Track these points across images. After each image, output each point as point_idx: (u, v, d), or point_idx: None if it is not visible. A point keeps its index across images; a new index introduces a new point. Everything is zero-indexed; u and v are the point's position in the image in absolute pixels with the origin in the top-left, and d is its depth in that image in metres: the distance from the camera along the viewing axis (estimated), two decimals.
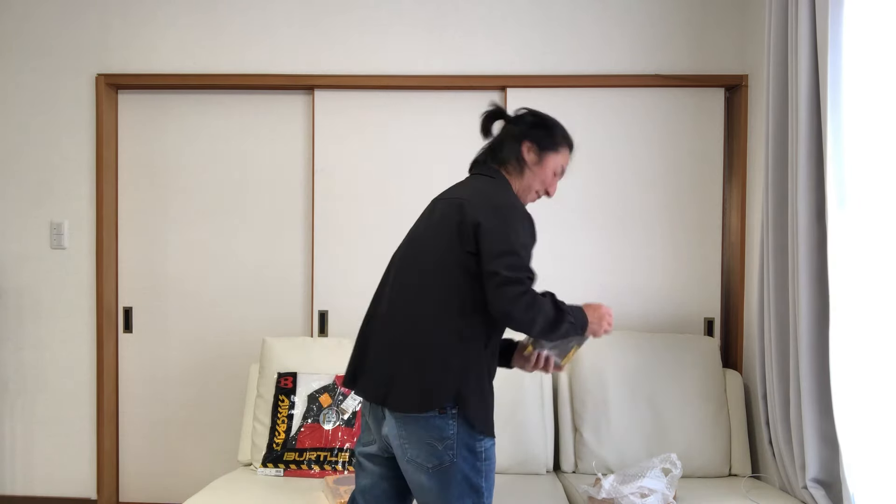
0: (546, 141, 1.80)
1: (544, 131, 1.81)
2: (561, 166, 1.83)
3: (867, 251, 1.97)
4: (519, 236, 1.60)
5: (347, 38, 2.93)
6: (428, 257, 1.65)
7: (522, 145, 1.78)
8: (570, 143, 1.87)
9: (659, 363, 2.60)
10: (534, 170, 1.78)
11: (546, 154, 1.79)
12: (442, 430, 1.56)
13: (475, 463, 1.59)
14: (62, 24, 2.99)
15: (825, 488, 2.12)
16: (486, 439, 1.61)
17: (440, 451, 1.56)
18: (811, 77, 2.09)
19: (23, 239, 3.02)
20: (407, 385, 1.59)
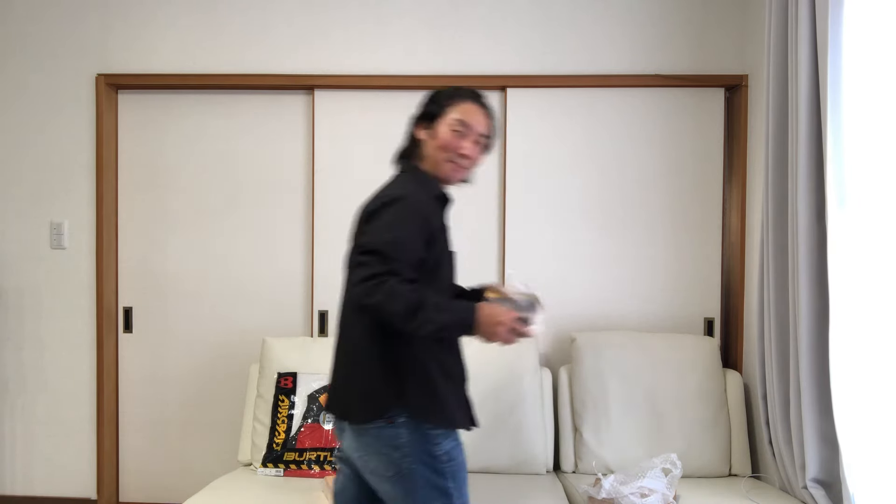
0: (431, 112, 1.73)
1: (427, 105, 1.75)
2: (457, 121, 1.70)
3: (867, 251, 1.97)
4: (393, 229, 1.54)
5: (347, 38, 2.93)
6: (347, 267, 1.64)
7: (416, 130, 1.76)
8: (461, 97, 1.74)
9: (659, 363, 2.60)
10: (431, 143, 1.71)
11: (435, 123, 1.72)
12: (394, 438, 1.55)
13: (436, 466, 1.57)
14: (63, 25, 2.99)
15: (825, 488, 2.12)
16: (446, 441, 1.58)
17: (397, 459, 1.55)
18: (811, 77, 2.09)
19: (23, 239, 3.02)
20: (348, 396, 1.61)
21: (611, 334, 2.71)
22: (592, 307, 2.88)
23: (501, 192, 2.91)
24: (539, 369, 2.67)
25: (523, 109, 2.88)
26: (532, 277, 2.87)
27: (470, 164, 1.74)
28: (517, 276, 1.84)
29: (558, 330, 2.88)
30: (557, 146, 2.89)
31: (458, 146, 1.70)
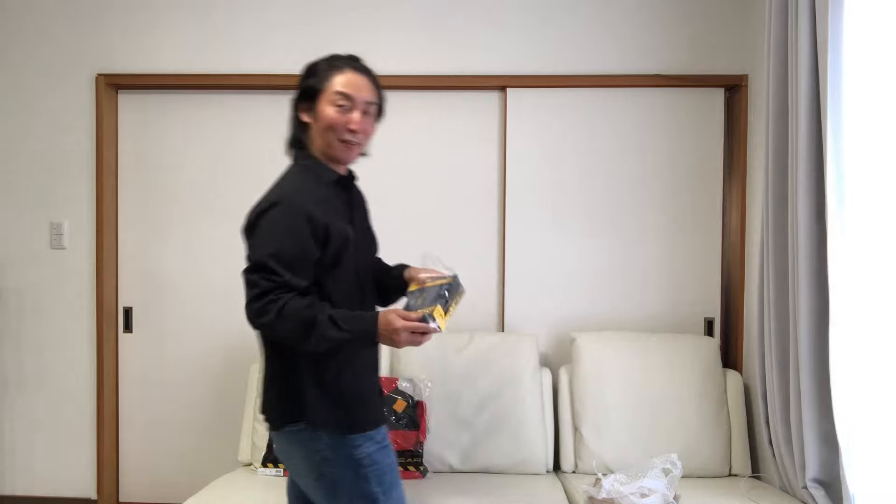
0: (310, 89, 1.62)
1: (304, 83, 1.64)
2: (339, 95, 1.59)
3: (867, 251, 1.97)
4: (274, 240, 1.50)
5: (347, 38, 2.93)
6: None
7: (299, 112, 1.66)
8: (338, 67, 1.62)
9: (659, 363, 2.60)
10: (317, 126, 1.62)
11: (317, 100, 1.61)
12: (313, 442, 1.53)
13: (358, 470, 1.53)
14: (62, 24, 2.99)
15: (825, 488, 2.12)
16: (367, 443, 1.54)
17: (318, 462, 1.53)
18: (811, 77, 2.09)
19: (23, 239, 3.02)
20: (268, 403, 1.61)
21: (611, 334, 2.71)
22: (592, 307, 2.88)
23: (501, 192, 2.91)
24: (539, 369, 2.67)
25: (523, 109, 2.88)
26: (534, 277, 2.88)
27: (363, 138, 1.65)
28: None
29: (558, 330, 2.88)
30: (557, 146, 2.89)
31: (346, 122, 1.60)
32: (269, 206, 1.52)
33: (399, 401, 2.53)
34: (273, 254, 1.48)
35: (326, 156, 1.65)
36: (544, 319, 2.88)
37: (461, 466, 2.53)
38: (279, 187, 1.59)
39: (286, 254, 1.49)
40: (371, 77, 1.66)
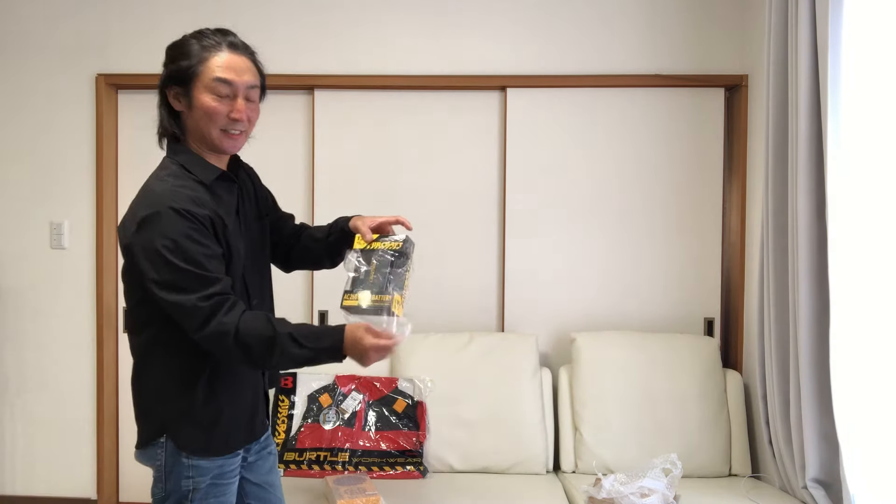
0: (181, 72, 1.43)
1: (172, 66, 1.45)
2: (216, 80, 1.41)
3: (867, 251, 1.97)
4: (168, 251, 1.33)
5: (347, 38, 2.93)
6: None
7: (168, 96, 1.47)
8: (212, 48, 1.43)
9: (659, 363, 2.60)
10: (193, 115, 1.45)
11: (191, 86, 1.43)
12: (152, 458, 1.47)
13: (181, 502, 1.46)
14: (62, 24, 2.99)
15: (825, 488, 2.12)
16: (197, 476, 1.44)
17: (155, 479, 1.50)
18: (811, 77, 2.09)
19: (23, 239, 3.02)
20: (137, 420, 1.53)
21: (611, 334, 2.71)
22: (592, 307, 2.88)
23: (501, 192, 2.91)
24: (539, 369, 2.67)
25: (523, 109, 2.88)
26: (534, 277, 2.88)
27: (248, 126, 1.49)
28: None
29: (558, 330, 2.88)
30: (557, 146, 2.89)
31: (228, 111, 1.43)
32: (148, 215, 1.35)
33: (399, 401, 2.53)
34: (187, 271, 1.33)
35: (201, 143, 1.47)
36: (544, 319, 2.88)
37: (461, 466, 2.52)
38: (153, 194, 1.39)
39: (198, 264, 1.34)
40: (251, 55, 1.48)
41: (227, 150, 1.50)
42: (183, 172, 1.44)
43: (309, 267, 1.74)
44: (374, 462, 2.45)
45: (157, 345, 1.45)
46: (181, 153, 1.48)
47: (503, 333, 2.80)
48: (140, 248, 1.36)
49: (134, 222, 1.37)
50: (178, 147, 1.49)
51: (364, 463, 2.45)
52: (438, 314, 2.90)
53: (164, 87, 1.46)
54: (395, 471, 2.44)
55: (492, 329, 2.91)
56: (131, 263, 1.40)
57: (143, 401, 1.50)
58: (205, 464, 1.46)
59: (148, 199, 1.39)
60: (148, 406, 1.49)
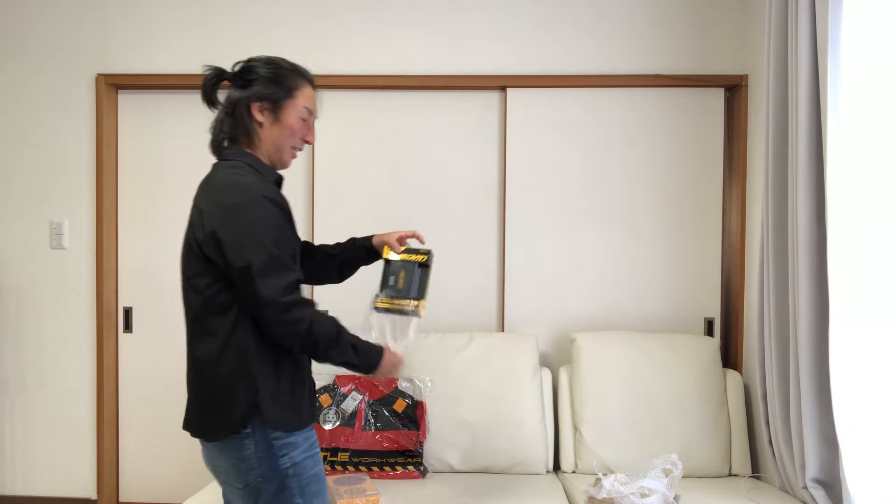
0: (277, 92, 1.59)
1: (271, 82, 1.59)
2: (305, 109, 1.63)
3: (867, 251, 1.97)
4: (261, 236, 1.46)
5: (347, 37, 2.93)
6: (186, 271, 1.57)
7: (252, 109, 1.59)
8: (306, 78, 1.65)
9: (659, 363, 2.60)
10: (275, 128, 1.60)
11: (282, 105, 1.60)
12: (239, 450, 1.51)
13: (283, 480, 1.52)
14: (62, 25, 2.99)
15: (825, 488, 2.12)
16: (295, 452, 1.53)
17: (244, 470, 1.52)
18: (811, 77, 2.09)
19: (23, 239, 3.02)
20: (196, 411, 1.58)
21: (611, 334, 2.71)
22: (592, 307, 2.88)
23: (501, 192, 2.91)
24: (539, 369, 2.67)
25: (523, 109, 2.88)
26: (534, 277, 2.88)
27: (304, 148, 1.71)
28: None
29: (558, 330, 2.88)
30: (557, 146, 2.89)
31: (311, 137, 1.67)
32: (242, 201, 1.48)
33: (399, 401, 2.53)
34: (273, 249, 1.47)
35: (269, 158, 1.63)
36: (544, 319, 2.89)
37: (461, 466, 2.53)
38: (242, 185, 1.51)
39: (278, 243, 1.49)
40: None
41: (286, 165, 1.67)
42: (255, 171, 1.58)
43: (315, 282, 1.88)
44: (374, 462, 2.45)
45: (241, 328, 1.51)
46: (247, 156, 1.60)
47: (503, 333, 2.80)
48: (231, 232, 1.46)
49: (222, 209, 1.48)
50: (241, 151, 1.61)
51: (364, 463, 2.45)
52: (438, 314, 2.90)
53: (250, 99, 1.59)
54: (395, 471, 2.44)
55: (492, 329, 2.91)
56: (217, 249, 1.47)
57: (221, 388, 1.52)
58: (294, 439, 1.54)
59: (237, 189, 1.50)
60: (229, 393, 1.51)
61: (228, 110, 1.61)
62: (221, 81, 1.64)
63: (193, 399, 1.60)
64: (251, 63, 1.62)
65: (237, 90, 1.61)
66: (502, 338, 2.72)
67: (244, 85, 1.60)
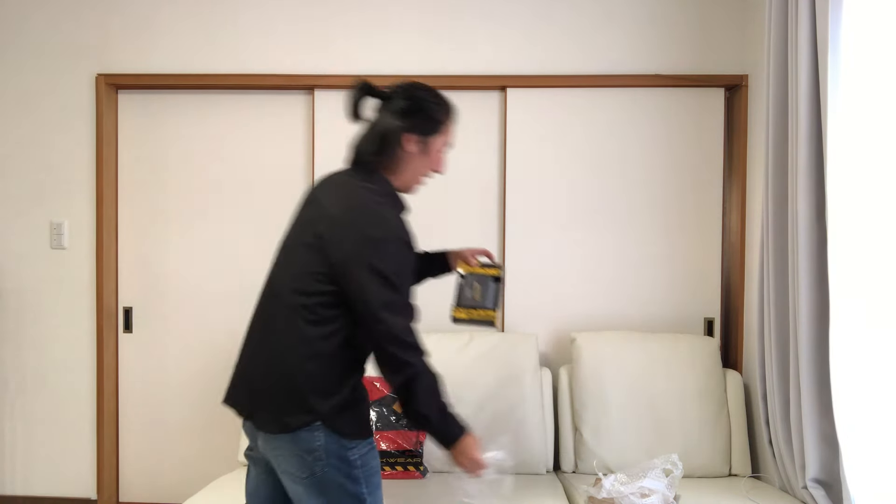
0: (429, 126, 1.65)
1: (425, 116, 1.64)
2: (447, 145, 1.71)
3: (867, 251, 1.97)
4: (398, 277, 1.52)
5: (347, 38, 2.93)
6: (293, 267, 1.59)
7: (403, 139, 1.63)
8: (452, 113, 1.71)
9: (659, 363, 2.60)
10: (419, 159, 1.66)
11: (430, 139, 1.66)
12: (308, 442, 1.53)
13: (350, 471, 1.55)
14: (62, 24, 2.99)
15: (825, 488, 2.12)
16: (360, 445, 1.57)
17: (310, 462, 1.53)
18: (811, 77, 2.09)
19: (23, 239, 3.02)
20: (269, 405, 1.57)
21: (611, 334, 2.71)
22: (592, 307, 2.88)
23: (501, 192, 2.91)
24: (539, 369, 2.67)
25: (523, 109, 2.88)
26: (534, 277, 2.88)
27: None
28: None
29: (558, 330, 2.88)
30: (557, 146, 2.89)
31: (442, 168, 1.72)
32: (382, 232, 1.52)
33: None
34: (404, 290, 1.55)
35: (403, 183, 1.68)
36: (544, 319, 2.89)
37: None
38: (385, 220, 1.55)
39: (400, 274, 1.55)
40: None
41: (413, 192, 1.72)
42: (392, 201, 1.63)
43: None
44: None
45: (338, 338, 1.55)
46: (386, 183, 1.64)
47: (503, 333, 2.80)
48: (367, 265, 1.49)
49: (363, 237, 1.51)
50: (381, 176, 1.64)
51: None
52: (439, 314, 2.89)
53: (404, 129, 1.62)
54: (395, 471, 2.44)
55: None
56: (346, 275, 1.51)
57: (301, 386, 1.54)
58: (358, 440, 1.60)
59: (382, 223, 1.54)
60: (307, 393, 1.54)
61: (379, 132, 1.63)
62: (368, 97, 1.66)
63: (266, 390, 1.58)
64: (410, 92, 1.66)
65: (391, 115, 1.63)
66: (502, 338, 2.72)
67: (400, 112, 1.63)
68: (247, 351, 1.67)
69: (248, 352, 1.67)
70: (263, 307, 1.66)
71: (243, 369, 1.67)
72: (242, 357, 1.69)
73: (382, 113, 1.65)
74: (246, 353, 1.68)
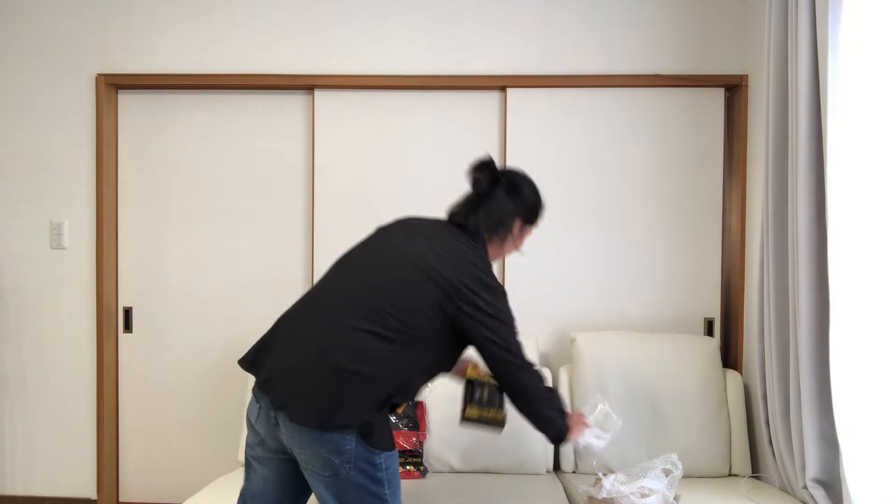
0: (532, 217, 1.88)
1: (534, 208, 1.88)
2: (530, 233, 1.94)
3: (867, 251, 1.97)
4: (513, 322, 1.71)
5: (347, 37, 2.93)
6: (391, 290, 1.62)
7: (514, 223, 1.83)
8: (543, 211, 1.94)
9: (659, 363, 2.60)
10: (513, 241, 1.87)
11: (528, 227, 1.90)
12: (340, 445, 1.55)
13: (375, 474, 1.59)
14: (62, 24, 2.99)
15: (825, 488, 2.12)
16: (385, 453, 1.61)
17: (337, 463, 1.55)
18: (811, 77, 2.09)
19: (23, 239, 3.02)
20: (312, 403, 1.56)
21: (611, 334, 2.71)
22: (592, 307, 2.88)
23: None
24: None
25: (523, 109, 2.88)
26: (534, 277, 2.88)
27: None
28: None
29: (558, 330, 2.88)
30: (557, 146, 2.89)
31: (522, 249, 1.94)
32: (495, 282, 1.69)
33: None
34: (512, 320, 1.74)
35: (491, 254, 1.84)
36: (544, 319, 2.89)
37: (461, 466, 2.53)
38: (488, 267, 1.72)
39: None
40: None
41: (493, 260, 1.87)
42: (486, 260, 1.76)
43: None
44: None
45: (403, 358, 1.61)
46: (485, 247, 1.81)
47: None
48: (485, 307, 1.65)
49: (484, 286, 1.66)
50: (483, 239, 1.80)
51: None
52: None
53: (518, 215, 1.83)
54: None
55: None
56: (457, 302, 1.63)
57: (353, 392, 1.56)
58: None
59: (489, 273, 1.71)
60: (358, 399, 1.56)
61: (499, 214, 1.80)
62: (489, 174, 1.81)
63: (313, 387, 1.57)
64: (529, 185, 1.87)
65: (511, 203, 1.81)
66: None
67: (518, 203, 1.83)
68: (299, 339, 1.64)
69: (298, 339, 1.64)
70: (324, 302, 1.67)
71: (286, 356, 1.62)
72: (286, 341, 1.65)
73: (502, 196, 1.81)
74: (293, 339, 1.64)
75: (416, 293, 1.62)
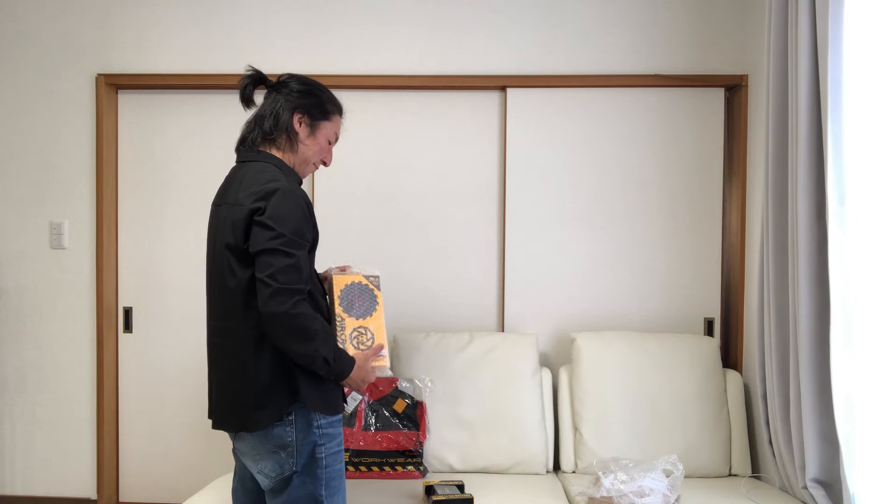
0: (317, 110, 1.75)
1: (314, 100, 1.75)
2: (335, 134, 1.80)
3: (867, 251, 1.97)
4: (290, 225, 1.57)
5: (347, 38, 2.93)
6: (225, 272, 1.63)
7: (293, 118, 1.72)
8: (339, 109, 1.82)
9: (659, 363, 2.60)
10: (307, 142, 1.74)
11: (318, 124, 1.75)
12: (281, 438, 1.59)
13: (316, 472, 1.61)
14: (62, 24, 2.99)
15: (825, 488, 2.12)
16: (330, 443, 1.62)
17: (283, 458, 1.59)
18: (811, 77, 2.09)
19: (23, 239, 3.02)
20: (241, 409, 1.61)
21: (611, 334, 2.71)
22: (592, 307, 2.88)
23: (501, 192, 2.91)
24: (539, 369, 2.67)
25: (523, 109, 2.88)
26: (534, 277, 2.88)
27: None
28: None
29: (558, 330, 2.88)
30: (557, 146, 2.89)
31: (329, 159, 1.81)
32: (273, 192, 1.58)
33: (399, 401, 2.53)
34: (291, 232, 1.56)
35: (294, 166, 1.75)
36: (544, 319, 2.89)
37: (461, 466, 2.53)
38: (276, 180, 1.62)
39: (303, 234, 1.60)
40: None
41: (304, 177, 1.78)
42: (283, 173, 1.67)
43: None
44: (374, 462, 2.45)
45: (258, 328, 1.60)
46: (276, 160, 1.71)
47: (503, 333, 2.80)
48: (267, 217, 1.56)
49: (264, 199, 1.56)
50: (271, 154, 1.72)
51: (364, 463, 2.45)
52: (438, 314, 2.91)
53: (294, 108, 1.71)
54: (395, 471, 2.44)
55: (492, 329, 2.91)
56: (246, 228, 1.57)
57: (263, 381, 1.58)
58: (331, 431, 1.64)
59: (271, 183, 1.60)
60: (271, 384, 1.58)
61: (270, 112, 1.71)
62: (259, 85, 1.74)
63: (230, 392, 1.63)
64: (297, 78, 1.75)
65: (281, 97, 1.71)
66: (502, 338, 2.72)
67: (288, 95, 1.72)
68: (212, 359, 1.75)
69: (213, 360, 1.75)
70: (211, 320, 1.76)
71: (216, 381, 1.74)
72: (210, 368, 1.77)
73: (274, 96, 1.73)
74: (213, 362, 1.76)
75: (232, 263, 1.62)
